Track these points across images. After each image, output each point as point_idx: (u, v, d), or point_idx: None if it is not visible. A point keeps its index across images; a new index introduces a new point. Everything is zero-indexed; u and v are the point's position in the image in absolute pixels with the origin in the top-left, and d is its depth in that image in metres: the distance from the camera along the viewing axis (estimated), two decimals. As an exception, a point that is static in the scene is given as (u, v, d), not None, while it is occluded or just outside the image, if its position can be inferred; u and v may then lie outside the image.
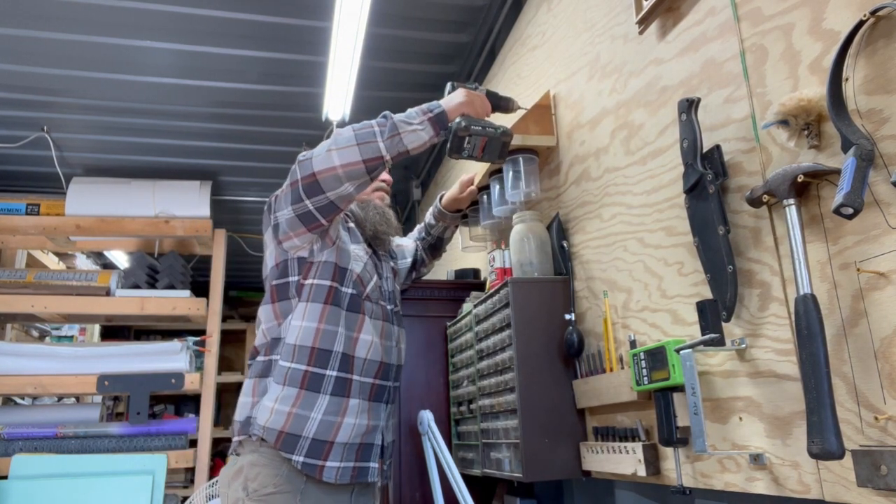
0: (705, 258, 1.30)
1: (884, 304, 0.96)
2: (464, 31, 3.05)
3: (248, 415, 1.55)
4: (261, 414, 1.52)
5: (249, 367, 1.67)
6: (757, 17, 1.23)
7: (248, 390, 1.60)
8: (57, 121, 3.62)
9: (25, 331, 4.75)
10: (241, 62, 3.13)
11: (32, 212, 3.75)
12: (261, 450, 1.51)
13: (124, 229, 3.77)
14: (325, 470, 1.52)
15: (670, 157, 1.47)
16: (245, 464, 1.51)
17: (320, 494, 1.52)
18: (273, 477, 1.48)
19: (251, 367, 1.65)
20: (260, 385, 1.58)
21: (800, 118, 1.08)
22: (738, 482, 1.24)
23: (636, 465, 1.51)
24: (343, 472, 1.54)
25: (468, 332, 2.26)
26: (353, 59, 2.94)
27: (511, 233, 2.10)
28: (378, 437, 1.66)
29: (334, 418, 1.54)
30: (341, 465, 1.54)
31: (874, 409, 0.97)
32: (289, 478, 1.49)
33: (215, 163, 4.18)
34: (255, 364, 1.64)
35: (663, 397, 1.37)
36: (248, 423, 1.54)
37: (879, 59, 0.98)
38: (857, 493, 0.99)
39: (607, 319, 1.71)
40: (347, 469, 1.56)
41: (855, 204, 0.93)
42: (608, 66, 1.79)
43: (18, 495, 2.87)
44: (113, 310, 3.60)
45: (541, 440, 1.78)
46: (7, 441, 3.15)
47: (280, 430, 1.49)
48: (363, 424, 1.60)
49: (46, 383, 3.29)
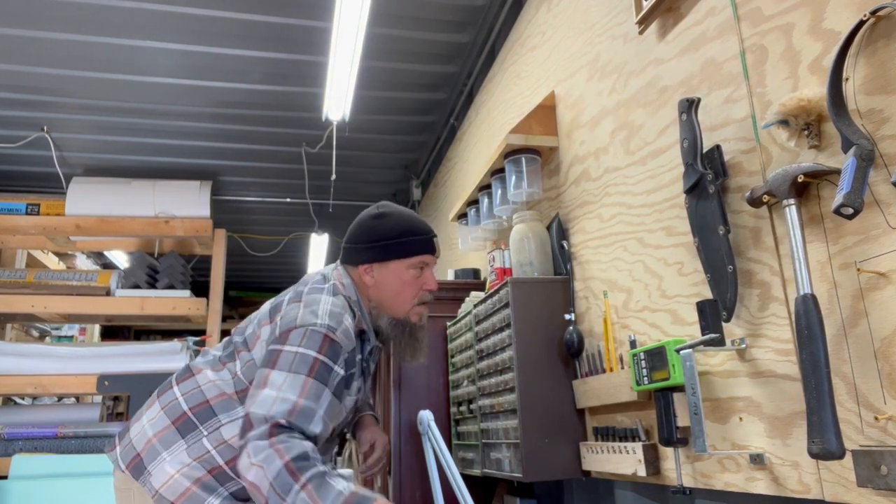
0: (705, 258, 1.30)
1: (884, 304, 0.96)
2: (464, 31, 3.05)
3: (145, 464, 1.38)
4: (158, 475, 1.36)
5: (163, 392, 1.45)
6: (757, 17, 1.23)
7: (154, 422, 1.41)
8: (57, 121, 3.62)
9: (25, 331, 4.75)
10: (240, 62, 3.13)
11: (32, 212, 3.75)
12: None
13: (124, 229, 3.77)
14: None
15: (670, 157, 1.47)
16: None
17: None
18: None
19: (164, 394, 1.45)
20: (168, 434, 1.39)
21: (800, 118, 1.08)
22: (738, 482, 1.24)
23: (636, 465, 1.51)
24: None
25: (468, 332, 2.26)
26: (353, 59, 2.94)
27: (511, 233, 2.10)
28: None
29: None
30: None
31: (874, 409, 0.97)
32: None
33: (215, 163, 4.18)
34: (174, 403, 1.42)
35: (663, 397, 1.37)
36: (141, 468, 1.38)
37: (879, 59, 0.98)
38: (857, 493, 0.99)
39: (607, 319, 1.71)
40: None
41: (855, 204, 0.93)
42: (608, 66, 1.79)
43: (18, 495, 2.87)
44: (113, 310, 3.60)
45: (541, 440, 1.78)
46: (7, 441, 3.15)
47: (172, 501, 1.35)
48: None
49: (46, 383, 3.29)
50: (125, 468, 1.41)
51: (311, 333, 1.31)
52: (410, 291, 1.49)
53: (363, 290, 1.50)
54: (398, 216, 1.53)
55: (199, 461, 1.38)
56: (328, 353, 1.31)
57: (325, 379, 1.29)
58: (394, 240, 1.48)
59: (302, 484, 1.17)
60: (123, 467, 1.41)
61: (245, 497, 1.42)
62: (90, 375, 3.32)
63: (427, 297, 1.53)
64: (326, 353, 1.31)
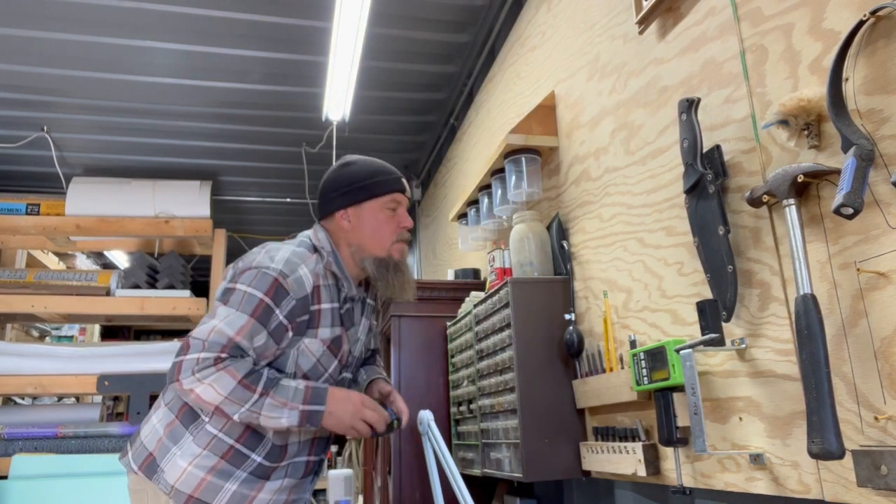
0: (705, 258, 1.30)
1: (884, 304, 0.96)
2: (464, 31, 3.05)
3: (158, 462, 1.41)
4: (171, 470, 1.39)
5: (166, 392, 1.49)
6: (757, 17, 1.23)
7: (161, 419, 1.45)
8: (57, 121, 3.62)
9: (25, 331, 4.75)
10: (240, 62, 3.13)
11: (32, 212, 3.75)
12: None
13: (124, 229, 3.77)
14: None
15: (670, 157, 1.47)
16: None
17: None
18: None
19: (166, 394, 1.48)
20: (175, 428, 1.42)
21: (800, 118, 1.08)
22: (738, 482, 1.24)
23: (636, 465, 1.51)
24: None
25: (468, 332, 2.26)
26: (353, 59, 2.94)
27: (511, 233, 2.10)
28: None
29: (249, 492, 1.42)
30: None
31: (874, 409, 0.97)
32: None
33: (215, 163, 4.18)
34: (175, 398, 1.45)
35: (663, 397, 1.37)
36: (154, 467, 1.40)
37: (879, 59, 0.98)
38: (857, 493, 0.99)
39: (607, 319, 1.71)
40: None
41: (855, 204, 0.93)
42: (608, 66, 1.79)
43: (18, 495, 2.87)
44: (113, 310, 3.60)
45: (541, 440, 1.78)
46: (7, 441, 3.15)
47: (190, 494, 1.38)
48: (282, 500, 1.48)
49: (46, 383, 3.29)
50: (138, 469, 1.42)
51: (263, 275, 1.40)
52: (388, 229, 1.56)
53: (342, 235, 1.56)
54: (364, 161, 1.61)
55: (209, 449, 1.40)
56: (274, 297, 1.39)
57: (266, 321, 1.38)
58: (364, 181, 1.56)
59: (260, 392, 1.33)
60: (136, 468, 1.42)
61: (266, 475, 1.44)
62: (90, 375, 3.32)
63: (405, 235, 1.60)
64: (272, 297, 1.39)
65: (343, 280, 1.53)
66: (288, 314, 1.41)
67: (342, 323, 1.52)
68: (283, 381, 1.38)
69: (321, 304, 1.47)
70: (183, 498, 1.38)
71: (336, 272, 1.52)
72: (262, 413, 1.34)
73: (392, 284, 1.56)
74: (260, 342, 1.38)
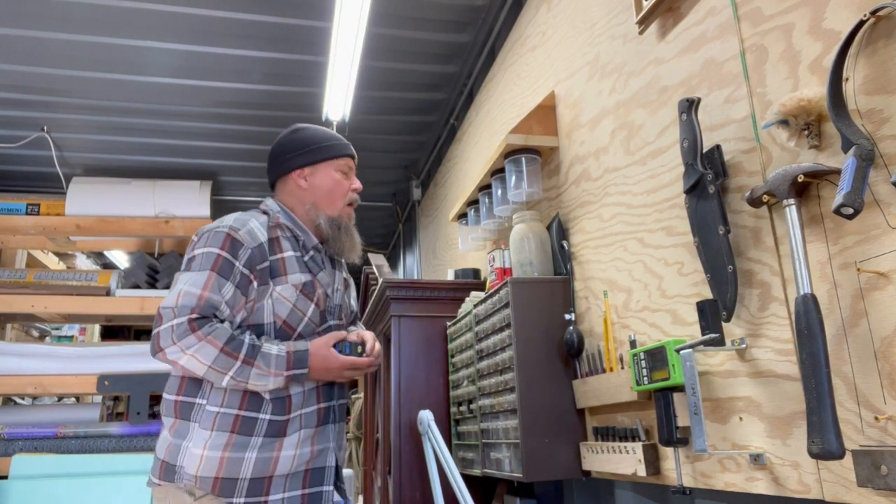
0: (705, 258, 1.30)
1: (884, 304, 0.96)
2: (464, 31, 3.05)
3: (173, 462, 1.42)
4: (189, 463, 1.40)
5: (163, 405, 1.52)
6: (757, 17, 1.23)
7: (164, 428, 1.48)
8: (57, 121, 3.62)
9: (25, 331, 4.75)
10: (240, 62, 3.13)
11: (32, 212, 3.75)
12: (199, 499, 1.40)
13: (124, 229, 3.77)
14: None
15: (670, 157, 1.47)
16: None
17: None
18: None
19: (164, 404, 1.50)
20: (180, 427, 1.44)
21: (800, 118, 1.08)
22: (738, 482, 1.24)
23: (636, 465, 1.51)
24: (290, 503, 1.45)
25: (468, 332, 2.26)
26: (353, 59, 2.94)
27: (511, 233, 2.10)
28: (330, 458, 1.56)
29: (270, 454, 1.45)
30: (285, 495, 1.45)
31: (874, 409, 0.97)
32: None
33: (215, 163, 4.19)
34: (169, 404, 1.48)
35: (663, 397, 1.37)
36: (171, 469, 1.42)
37: (879, 59, 0.98)
38: (858, 493, 0.99)
39: (607, 319, 1.71)
40: (295, 498, 1.46)
41: (855, 204, 0.93)
42: (608, 66, 1.79)
43: (18, 495, 2.87)
44: (113, 310, 3.60)
45: (541, 440, 1.78)
46: (7, 441, 3.15)
47: (215, 476, 1.39)
48: (306, 452, 1.50)
49: (46, 383, 3.29)
50: (158, 479, 1.44)
51: (215, 234, 1.48)
52: (340, 190, 1.66)
53: (298, 195, 1.64)
54: (315, 128, 1.71)
55: (217, 428, 1.42)
56: (230, 250, 1.46)
57: (228, 273, 1.44)
58: (320, 143, 1.66)
59: (242, 360, 1.39)
60: (157, 480, 1.44)
61: (280, 432, 1.47)
62: (90, 375, 3.32)
63: (355, 198, 1.71)
64: (228, 250, 1.46)
65: (297, 230, 1.60)
66: (247, 263, 1.47)
67: (309, 270, 1.58)
68: (264, 347, 1.42)
69: (283, 253, 1.54)
70: (210, 483, 1.39)
71: (288, 224, 1.59)
72: (249, 381, 1.41)
73: (342, 244, 1.66)
74: (228, 294, 1.43)
